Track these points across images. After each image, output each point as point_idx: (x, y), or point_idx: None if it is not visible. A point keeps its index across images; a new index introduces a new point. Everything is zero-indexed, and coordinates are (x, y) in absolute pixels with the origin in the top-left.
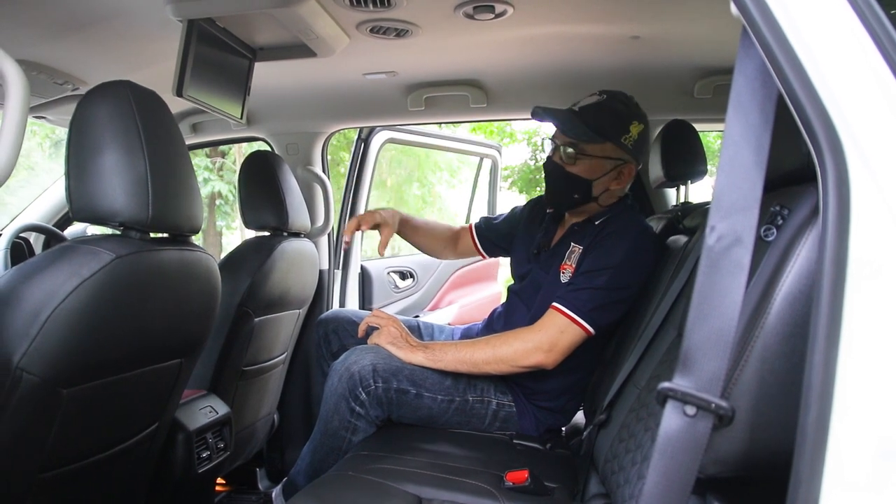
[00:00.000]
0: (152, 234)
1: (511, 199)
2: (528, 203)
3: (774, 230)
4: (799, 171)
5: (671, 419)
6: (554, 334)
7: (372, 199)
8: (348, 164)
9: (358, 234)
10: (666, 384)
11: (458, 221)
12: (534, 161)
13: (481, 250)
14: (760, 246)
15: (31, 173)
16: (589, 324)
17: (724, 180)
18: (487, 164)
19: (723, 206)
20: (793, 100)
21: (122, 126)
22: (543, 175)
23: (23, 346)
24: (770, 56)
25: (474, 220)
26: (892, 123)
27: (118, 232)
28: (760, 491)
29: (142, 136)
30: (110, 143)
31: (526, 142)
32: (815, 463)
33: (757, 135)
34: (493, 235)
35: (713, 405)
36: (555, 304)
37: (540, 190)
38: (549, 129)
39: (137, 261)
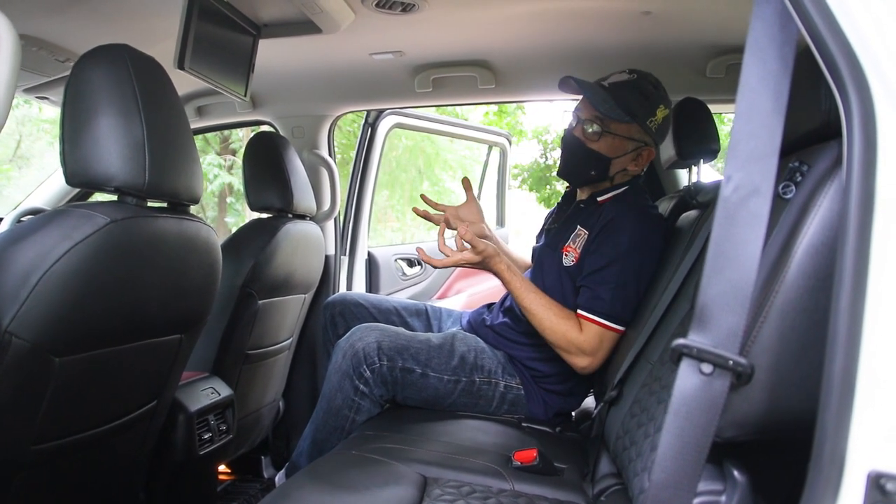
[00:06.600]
0: (150, 203)
1: (521, 198)
2: None
3: (793, 187)
4: (818, 130)
5: (686, 378)
6: (595, 342)
7: (383, 198)
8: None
9: (364, 222)
10: (680, 340)
11: None
12: (544, 159)
13: None
14: (779, 203)
15: (44, 174)
16: (620, 324)
17: (740, 128)
18: (496, 155)
19: (739, 155)
20: (815, 38)
21: (118, 89)
22: (561, 148)
23: (12, 309)
24: None
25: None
26: None
27: (114, 198)
28: (779, 456)
29: (139, 99)
30: (106, 106)
31: (536, 140)
32: (842, 415)
33: (776, 80)
34: None
35: (731, 362)
36: (584, 313)
37: (550, 188)
38: (561, 121)
39: (133, 226)
